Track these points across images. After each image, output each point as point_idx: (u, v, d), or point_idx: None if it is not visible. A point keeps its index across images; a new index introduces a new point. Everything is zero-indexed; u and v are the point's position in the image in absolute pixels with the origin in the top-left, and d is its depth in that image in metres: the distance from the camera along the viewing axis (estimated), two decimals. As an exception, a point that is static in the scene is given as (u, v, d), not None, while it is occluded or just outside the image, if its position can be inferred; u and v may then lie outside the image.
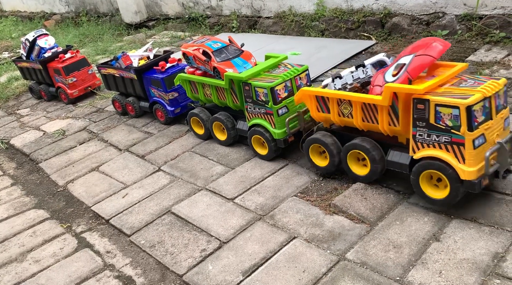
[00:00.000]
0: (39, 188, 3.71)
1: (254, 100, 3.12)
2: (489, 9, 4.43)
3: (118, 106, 4.62)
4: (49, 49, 5.25)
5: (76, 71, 5.17)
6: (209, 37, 3.62)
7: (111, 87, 4.60)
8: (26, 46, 5.38)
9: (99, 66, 4.52)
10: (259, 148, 3.31)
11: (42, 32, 5.36)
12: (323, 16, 5.67)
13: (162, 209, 3.02)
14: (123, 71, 4.23)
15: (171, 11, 7.89)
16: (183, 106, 4.11)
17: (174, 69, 4.04)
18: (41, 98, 5.71)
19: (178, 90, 4.04)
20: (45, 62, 5.20)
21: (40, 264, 2.76)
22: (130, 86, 4.30)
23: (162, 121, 4.21)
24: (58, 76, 5.17)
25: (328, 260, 2.31)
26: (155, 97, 4.14)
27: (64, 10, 10.41)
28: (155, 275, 2.49)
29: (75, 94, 5.23)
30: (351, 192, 2.76)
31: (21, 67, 5.67)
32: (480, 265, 2.09)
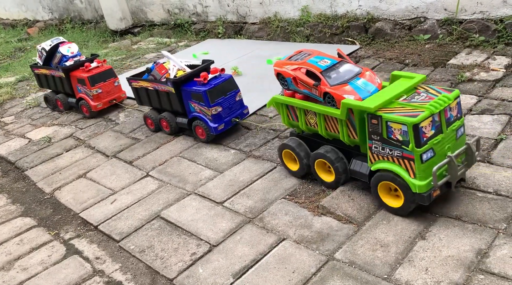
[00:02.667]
0: (25, 195, 3.67)
1: (384, 139, 2.38)
2: (469, 14, 4.56)
3: (150, 123, 4.17)
4: (71, 57, 4.84)
5: (101, 82, 4.72)
6: (307, 50, 2.91)
7: (143, 102, 4.19)
8: (42, 55, 4.97)
9: (130, 79, 4.11)
10: (388, 197, 2.54)
11: (59, 40, 4.93)
12: (308, 21, 5.75)
13: (151, 214, 3.02)
14: (158, 84, 3.84)
15: (156, 17, 7.90)
16: (227, 122, 3.70)
17: (217, 81, 3.63)
18: (56, 108, 5.28)
19: (221, 104, 3.63)
20: (69, 70, 4.79)
21: (28, 272, 2.73)
22: (166, 100, 3.89)
23: (203, 139, 3.77)
24: (81, 87, 4.74)
25: (317, 260, 2.34)
26: (195, 113, 3.71)
27: (47, 17, 10.32)
28: (145, 280, 2.49)
29: (99, 107, 4.76)
30: (338, 193, 2.80)
31: (38, 74, 5.23)
32: (465, 261, 2.15)
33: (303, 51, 2.92)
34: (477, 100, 3.54)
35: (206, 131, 3.68)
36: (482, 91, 3.66)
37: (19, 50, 8.73)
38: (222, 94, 3.64)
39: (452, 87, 3.82)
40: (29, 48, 8.69)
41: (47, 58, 4.98)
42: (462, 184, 2.65)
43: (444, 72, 4.13)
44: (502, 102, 3.43)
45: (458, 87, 3.81)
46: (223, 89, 3.65)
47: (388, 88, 2.54)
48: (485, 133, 3.09)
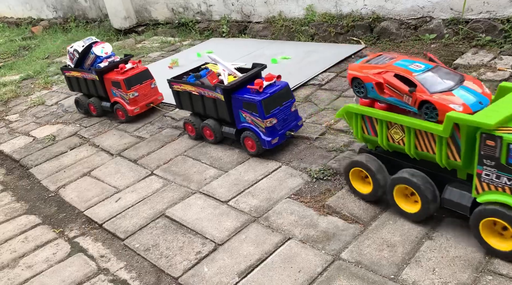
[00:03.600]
0: (30, 193, 3.67)
1: (502, 165, 1.96)
2: (475, 14, 4.53)
3: (191, 130, 3.84)
4: (105, 58, 4.48)
5: (138, 85, 4.38)
6: (388, 54, 2.55)
7: (184, 106, 3.83)
8: (74, 57, 4.61)
9: (171, 81, 3.75)
10: (492, 237, 2.13)
11: (93, 40, 4.58)
12: (313, 21, 5.73)
13: (156, 213, 3.02)
14: (204, 89, 3.49)
15: (160, 16, 7.90)
16: (281, 135, 3.31)
17: (273, 89, 3.24)
18: (88, 113, 4.91)
19: (277, 115, 3.25)
20: (103, 72, 4.44)
21: (32, 269, 2.73)
22: (212, 107, 3.54)
23: (252, 152, 3.38)
24: (116, 90, 4.39)
25: (323, 260, 2.33)
26: (245, 123, 3.36)
27: (51, 16, 10.34)
28: (150, 278, 2.48)
29: (136, 112, 4.41)
30: (344, 193, 2.79)
31: (68, 77, 4.88)
32: (473, 262, 2.13)
33: (383, 55, 2.52)
34: (483, 100, 3.52)
35: (257, 145, 3.31)
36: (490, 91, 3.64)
37: (23, 49, 8.74)
38: (278, 105, 3.26)
39: (458, 87, 3.80)
40: (33, 46, 8.71)
41: (79, 60, 4.62)
42: (469, 184, 2.63)
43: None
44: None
45: (464, 87, 3.78)
46: (279, 99, 3.27)
47: (503, 101, 2.05)
48: (492, 134, 3.06)
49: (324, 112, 3.90)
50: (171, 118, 4.43)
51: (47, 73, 6.76)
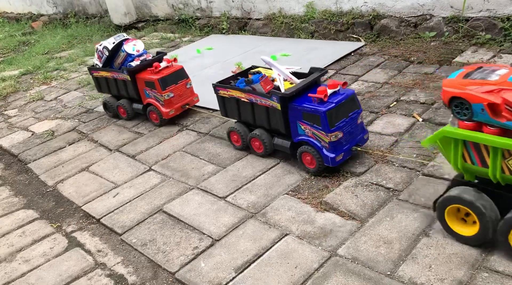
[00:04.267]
0: (28, 188, 3.68)
1: None
2: (475, 12, 4.52)
3: (236, 140, 3.45)
4: (137, 56, 4.13)
5: (173, 85, 4.02)
6: (490, 66, 2.09)
7: (229, 114, 3.46)
8: (103, 55, 4.25)
9: (217, 85, 3.39)
10: None
11: (124, 37, 4.22)
12: (313, 18, 5.72)
13: (153, 208, 3.02)
14: (256, 96, 3.11)
15: (160, 12, 7.88)
16: (347, 151, 2.89)
17: (339, 98, 2.83)
18: (117, 116, 4.55)
19: (343, 128, 2.84)
20: (135, 72, 4.09)
21: (30, 263, 2.73)
22: (264, 116, 3.16)
23: (311, 169, 2.99)
24: (150, 91, 4.04)
25: (320, 256, 2.33)
26: (304, 136, 2.96)
27: (51, 11, 10.32)
28: (147, 273, 2.49)
29: (171, 114, 4.05)
30: (342, 190, 2.79)
31: (96, 78, 4.52)
32: (469, 259, 2.13)
33: (484, 67, 2.08)
34: (482, 98, 3.51)
35: (317, 161, 2.91)
36: (488, 89, 3.63)
37: (23, 44, 8.73)
38: (344, 116, 2.85)
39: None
40: (33, 42, 8.69)
41: (109, 58, 4.27)
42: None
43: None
44: (508, 100, 3.40)
45: (463, 85, 3.78)
46: (345, 109, 2.86)
47: None
48: (490, 132, 3.06)
49: (323, 109, 3.89)
50: (170, 114, 4.42)
51: (47, 68, 6.75)
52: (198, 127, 4.03)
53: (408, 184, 2.72)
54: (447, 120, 3.30)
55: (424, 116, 3.42)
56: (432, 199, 2.55)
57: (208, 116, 4.20)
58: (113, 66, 4.31)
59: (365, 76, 4.35)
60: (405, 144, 3.12)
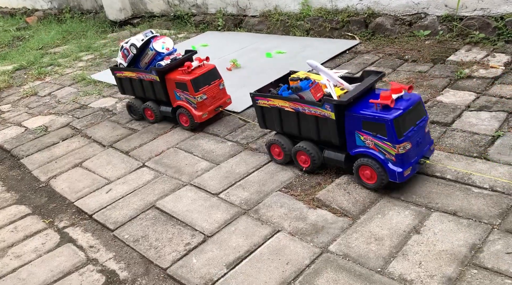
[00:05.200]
0: (20, 183, 3.66)
1: None
2: (469, 11, 4.54)
3: (277, 154, 3.11)
4: (167, 55, 3.83)
5: (206, 86, 3.70)
6: None
7: (269, 125, 3.11)
8: (129, 54, 3.92)
9: (255, 95, 3.04)
10: None
11: (152, 34, 3.89)
12: (308, 15, 5.72)
13: (146, 204, 3.01)
14: (304, 105, 2.77)
15: (156, 8, 7.85)
16: (415, 164, 2.57)
17: (406, 104, 2.49)
18: (143, 119, 4.23)
19: (411, 139, 2.49)
20: (164, 72, 3.79)
21: (21, 259, 2.72)
22: (313, 127, 2.82)
23: (371, 185, 2.66)
24: (181, 92, 3.73)
25: (311, 252, 2.34)
26: (364, 148, 2.62)
27: (46, 7, 10.25)
28: (139, 269, 2.49)
29: (204, 118, 3.74)
30: (334, 187, 2.80)
31: (120, 78, 4.18)
32: (458, 256, 2.15)
33: None
34: (475, 97, 3.53)
35: (379, 176, 2.57)
36: (481, 88, 3.65)
37: (17, 39, 8.67)
38: (412, 124, 2.52)
39: (451, 84, 3.82)
40: (27, 37, 8.64)
41: (136, 58, 3.95)
42: (459, 180, 2.65)
43: (443, 68, 4.12)
44: (500, 99, 3.43)
45: (456, 84, 3.80)
46: (412, 116, 2.52)
47: None
48: (482, 130, 3.08)
49: (317, 106, 3.90)
50: (164, 110, 4.41)
51: (41, 64, 6.72)
52: (192, 124, 4.03)
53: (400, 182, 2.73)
54: (440, 119, 3.32)
55: (417, 115, 3.43)
56: (424, 195, 2.58)
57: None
58: (139, 66, 3.99)
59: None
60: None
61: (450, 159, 2.85)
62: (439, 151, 2.95)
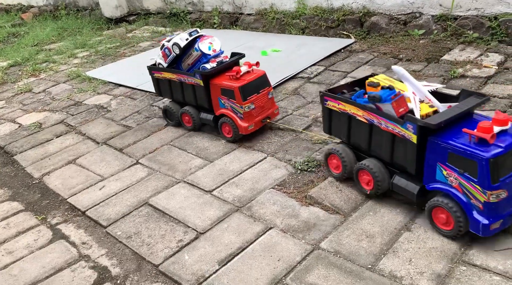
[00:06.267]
0: (13, 180, 3.65)
1: None
2: (464, 10, 4.56)
3: (335, 166, 2.76)
4: (213, 57, 3.49)
5: (255, 95, 3.32)
6: None
7: (335, 132, 2.76)
8: (170, 54, 3.57)
9: (325, 94, 2.68)
10: None
11: (198, 33, 3.54)
12: (304, 14, 5.73)
13: (139, 201, 3.02)
14: (380, 118, 2.35)
15: (152, 6, 7.83)
16: (507, 217, 2.10)
17: (510, 140, 2.02)
18: (180, 125, 3.88)
19: (508, 186, 2.04)
20: (209, 76, 3.43)
21: (13, 255, 2.72)
22: (386, 144, 2.40)
23: (448, 232, 2.23)
24: (227, 100, 3.35)
25: (303, 249, 2.35)
26: (444, 186, 2.20)
27: (42, 3, 10.20)
28: (131, 265, 2.49)
29: (250, 130, 3.37)
30: (326, 184, 2.81)
31: (157, 79, 3.84)
32: (448, 253, 2.17)
33: None
34: (468, 96, 3.55)
35: (456, 223, 2.15)
36: (474, 87, 3.68)
37: (12, 36, 8.63)
38: None
39: (444, 83, 3.84)
40: (22, 33, 8.60)
41: (178, 58, 3.62)
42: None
43: (437, 67, 4.14)
44: (493, 98, 3.45)
45: (450, 83, 3.82)
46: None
47: None
48: (474, 129, 3.10)
49: (311, 105, 3.91)
50: (158, 108, 4.41)
51: (36, 60, 6.69)
52: (186, 121, 4.03)
53: (392, 179, 2.74)
54: (432, 117, 3.33)
55: (410, 113, 3.45)
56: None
57: (196, 110, 4.19)
58: (180, 67, 3.65)
59: (354, 73, 4.37)
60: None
61: (442, 157, 2.86)
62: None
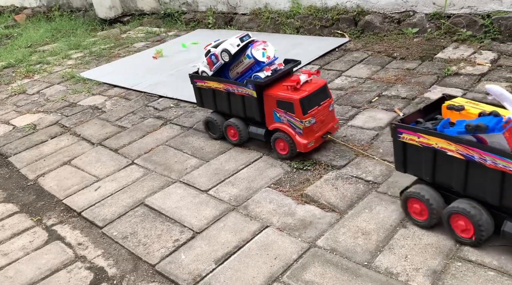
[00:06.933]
0: (8, 182, 3.63)
1: None
2: (457, 9, 4.59)
3: (418, 212, 2.29)
4: (267, 65, 3.10)
5: (315, 107, 2.95)
6: None
7: (411, 167, 2.31)
8: (217, 61, 3.22)
9: (398, 126, 2.22)
10: None
11: (250, 38, 3.18)
12: (298, 13, 5.74)
13: (135, 201, 3.01)
14: (484, 152, 1.92)
15: (146, 6, 7.82)
16: None
17: None
18: (223, 138, 3.50)
19: None
20: (263, 86, 3.05)
21: (8, 257, 2.70)
22: (495, 184, 1.95)
23: None
24: (283, 113, 2.98)
25: (299, 247, 2.36)
26: None
27: (35, 4, 10.15)
28: (127, 265, 2.49)
29: (310, 147, 2.99)
30: (322, 182, 2.82)
31: (199, 88, 3.45)
32: (443, 249, 2.18)
33: None
34: (462, 94, 3.58)
35: None
36: (468, 85, 3.70)
37: (5, 37, 8.58)
38: None
39: (438, 81, 3.86)
40: (15, 35, 8.55)
41: (226, 65, 3.26)
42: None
43: (431, 65, 4.16)
44: (486, 96, 3.47)
45: (444, 81, 3.84)
46: None
47: None
48: (468, 126, 3.12)
49: (306, 103, 3.92)
50: (153, 108, 4.41)
51: (29, 62, 6.65)
52: (182, 121, 4.03)
53: (387, 177, 2.76)
54: (427, 115, 3.35)
55: (404, 111, 3.47)
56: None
57: (192, 110, 4.19)
58: (228, 76, 3.31)
59: (349, 72, 4.39)
60: (385, 138, 3.16)
61: (437, 155, 2.88)
62: (426, 147, 2.98)
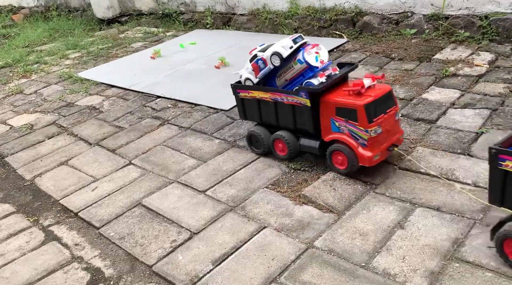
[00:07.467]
0: (4, 182, 3.61)
1: None
2: (455, 10, 4.59)
3: None
4: (321, 70, 2.80)
5: (382, 115, 2.63)
6: None
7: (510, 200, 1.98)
8: (265, 67, 2.92)
9: (500, 152, 1.93)
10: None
11: (302, 40, 2.85)
12: (297, 14, 5.74)
13: (132, 202, 3.00)
14: None
15: (144, 6, 7.81)
16: None
17: None
18: (270, 154, 3.15)
19: None
20: (317, 94, 2.74)
21: (4, 257, 2.69)
22: None
23: None
24: (344, 122, 2.66)
25: (297, 248, 2.35)
26: None
27: (33, 4, 10.13)
28: (124, 266, 2.48)
29: (376, 160, 2.68)
30: (320, 183, 2.82)
31: (242, 99, 3.14)
32: (441, 250, 2.18)
33: None
34: (460, 95, 3.58)
35: None
36: (466, 86, 3.70)
37: (3, 37, 8.55)
38: None
39: (436, 82, 3.86)
40: (13, 35, 8.52)
41: (275, 70, 2.97)
42: (443, 176, 2.68)
43: (429, 66, 4.17)
44: (484, 97, 3.48)
45: (442, 82, 3.84)
46: None
47: None
48: (466, 127, 3.12)
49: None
50: (151, 108, 4.40)
51: (27, 61, 6.63)
52: (179, 121, 4.02)
53: (385, 178, 2.76)
54: (425, 116, 3.35)
55: (402, 112, 3.46)
56: (408, 191, 2.60)
57: (189, 110, 4.18)
58: (274, 83, 3.02)
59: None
60: (383, 139, 3.16)
61: (434, 155, 2.88)
62: (424, 148, 2.98)
